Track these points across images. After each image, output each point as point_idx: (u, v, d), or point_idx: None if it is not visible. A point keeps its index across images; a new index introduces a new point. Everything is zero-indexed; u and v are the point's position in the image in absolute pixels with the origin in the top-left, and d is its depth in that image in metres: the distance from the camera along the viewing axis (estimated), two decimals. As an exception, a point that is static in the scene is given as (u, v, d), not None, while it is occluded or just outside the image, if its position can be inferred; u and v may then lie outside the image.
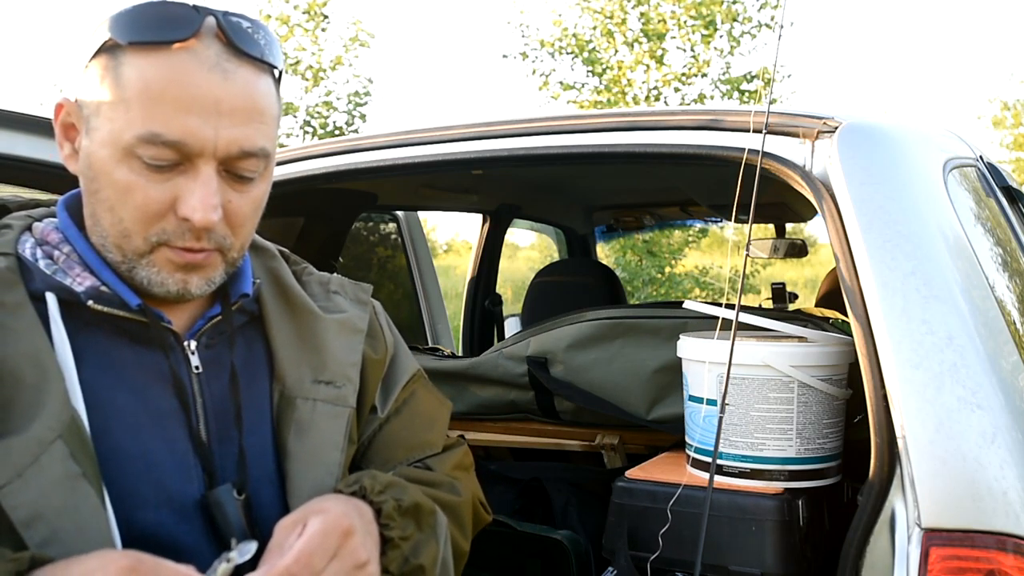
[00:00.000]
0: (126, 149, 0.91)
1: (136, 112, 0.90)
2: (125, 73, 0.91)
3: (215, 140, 0.91)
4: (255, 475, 1.02)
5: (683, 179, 2.75)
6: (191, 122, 0.90)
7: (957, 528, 1.16)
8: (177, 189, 0.92)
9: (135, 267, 0.96)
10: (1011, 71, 33.93)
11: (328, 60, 13.46)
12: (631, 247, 11.16)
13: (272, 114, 0.98)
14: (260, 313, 1.10)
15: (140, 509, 0.94)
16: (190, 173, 0.92)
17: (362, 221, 3.38)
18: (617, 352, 1.94)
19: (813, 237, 8.06)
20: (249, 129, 0.94)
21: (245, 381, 1.05)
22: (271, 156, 0.99)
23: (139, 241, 0.94)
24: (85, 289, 0.96)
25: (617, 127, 1.64)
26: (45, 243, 1.00)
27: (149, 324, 0.98)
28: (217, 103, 0.91)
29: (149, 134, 0.90)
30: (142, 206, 0.93)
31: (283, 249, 1.20)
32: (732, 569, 1.46)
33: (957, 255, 1.33)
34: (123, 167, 0.92)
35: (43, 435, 0.87)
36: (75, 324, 0.95)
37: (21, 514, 0.85)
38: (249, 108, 0.94)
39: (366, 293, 1.21)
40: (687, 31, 12.21)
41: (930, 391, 1.20)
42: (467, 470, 1.23)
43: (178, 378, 0.99)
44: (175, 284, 0.97)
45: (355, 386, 1.11)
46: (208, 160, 0.92)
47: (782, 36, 1.59)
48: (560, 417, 2.08)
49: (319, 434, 1.05)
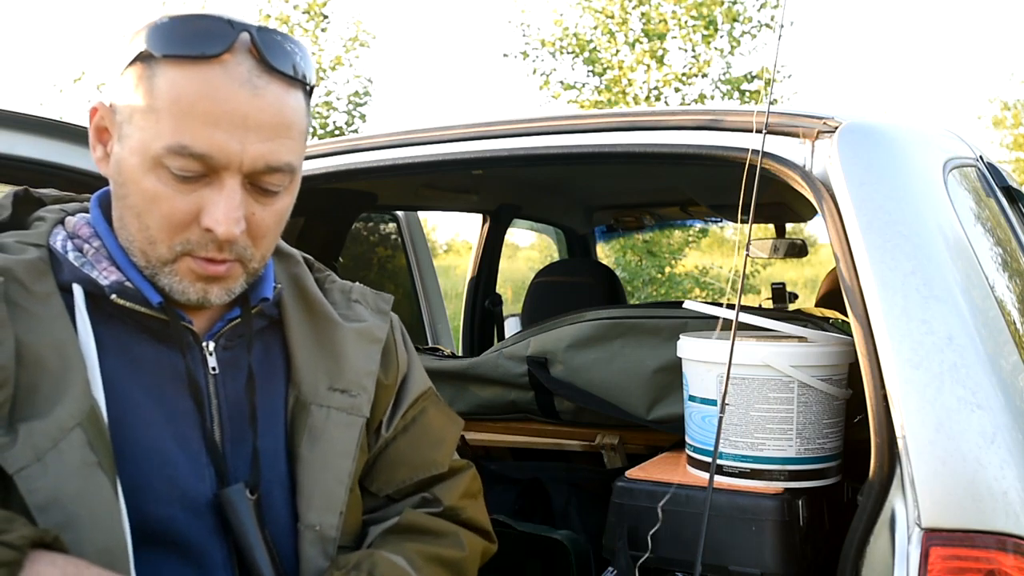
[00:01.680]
0: (155, 159, 0.93)
1: (166, 123, 0.92)
2: (158, 84, 0.93)
3: (241, 154, 0.93)
4: (267, 477, 1.03)
5: (683, 179, 2.75)
6: (219, 136, 0.92)
7: (957, 528, 1.16)
8: (202, 201, 0.94)
9: (157, 274, 0.98)
10: (1011, 71, 33.95)
11: (328, 60, 13.46)
12: (631, 247, 11.15)
13: (300, 129, 0.99)
14: (280, 318, 1.11)
15: (152, 503, 0.95)
16: (215, 185, 0.94)
17: (362, 221, 3.38)
18: (617, 352, 1.94)
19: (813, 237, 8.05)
20: (275, 144, 0.95)
21: (261, 384, 1.06)
22: (297, 171, 1.00)
23: (164, 249, 0.96)
24: (110, 283, 0.98)
25: (617, 127, 1.64)
26: (76, 236, 1.03)
27: (169, 322, 1.00)
28: (245, 118, 0.92)
29: (178, 145, 0.91)
30: (168, 215, 0.94)
31: (307, 256, 1.22)
32: (732, 569, 1.46)
33: (957, 255, 1.32)
34: (151, 176, 0.93)
35: (64, 421, 0.89)
36: (99, 316, 0.98)
37: (38, 498, 0.86)
38: (277, 124, 0.95)
39: (387, 304, 1.22)
40: (688, 31, 12.21)
41: (930, 391, 1.20)
42: (475, 497, 1.23)
43: (193, 378, 1.01)
44: (195, 293, 0.99)
45: (370, 396, 1.11)
46: (234, 174, 0.94)
47: (782, 36, 1.59)
48: (560, 417, 2.08)
49: (331, 442, 1.06)
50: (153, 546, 0.93)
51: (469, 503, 1.20)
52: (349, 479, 1.06)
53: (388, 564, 1.03)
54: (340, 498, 1.04)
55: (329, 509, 1.04)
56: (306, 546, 1.02)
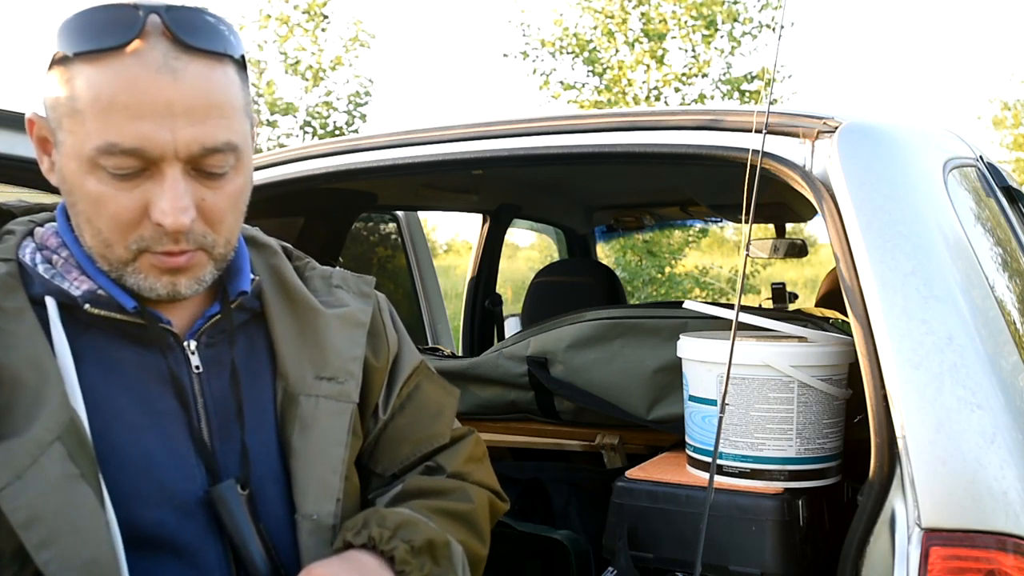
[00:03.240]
0: (90, 161, 0.90)
1: (91, 124, 0.89)
2: (77, 85, 0.90)
3: (174, 142, 0.90)
4: (260, 473, 1.02)
5: (683, 179, 2.75)
6: (145, 128, 0.89)
7: (957, 528, 1.16)
8: (147, 195, 0.92)
9: (123, 275, 0.96)
10: (1011, 71, 33.91)
11: (328, 60, 13.46)
12: (631, 247, 11.15)
13: (234, 105, 0.95)
14: (262, 310, 1.09)
15: (141, 508, 0.94)
16: (156, 178, 0.91)
17: (362, 221, 3.38)
18: (617, 352, 1.94)
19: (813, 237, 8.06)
20: (207, 127, 0.91)
21: (247, 379, 1.05)
22: (240, 148, 0.96)
23: (121, 250, 0.94)
24: (82, 293, 0.96)
25: (617, 127, 1.64)
26: (45, 248, 1.00)
27: (147, 326, 0.98)
28: (169, 105, 0.89)
29: (106, 144, 0.89)
30: (115, 216, 0.92)
31: (286, 245, 1.20)
32: (732, 569, 1.46)
33: (957, 255, 1.32)
34: (91, 179, 0.91)
35: (42, 436, 0.87)
36: (75, 327, 0.96)
37: (20, 516, 0.85)
38: (205, 104, 0.91)
39: (369, 286, 1.20)
40: (688, 31, 12.20)
41: (930, 391, 1.20)
42: (479, 461, 1.22)
43: (177, 378, 0.99)
44: (164, 288, 0.96)
45: (357, 381, 1.10)
46: (171, 163, 0.91)
47: (782, 36, 1.59)
48: (560, 417, 2.08)
49: (322, 431, 1.05)
50: (146, 551, 0.93)
51: (474, 467, 1.19)
52: (343, 466, 1.05)
53: (394, 513, 1.02)
54: (335, 486, 1.04)
55: (325, 498, 1.03)
56: (304, 536, 1.01)
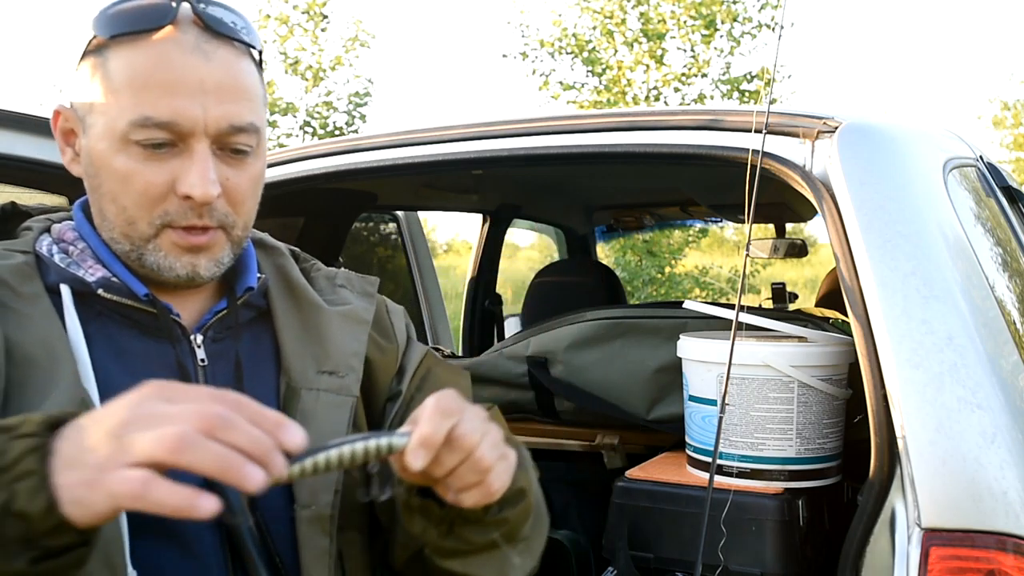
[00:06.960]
0: (122, 136, 0.95)
1: (126, 99, 0.95)
2: (112, 66, 0.96)
3: (204, 118, 0.95)
4: None
5: (683, 179, 2.75)
6: (179, 103, 0.94)
7: (957, 528, 1.16)
8: (175, 170, 0.96)
9: (143, 254, 0.99)
10: (1011, 71, 33.94)
11: (328, 60, 13.46)
12: (631, 247, 11.15)
13: (256, 93, 1.02)
14: (268, 308, 1.12)
15: None
16: (185, 154, 0.96)
17: (362, 221, 3.39)
18: (617, 352, 1.94)
19: (813, 237, 8.05)
20: (236, 106, 0.98)
21: (250, 374, 1.07)
22: (261, 132, 1.02)
23: (144, 226, 0.98)
24: (96, 279, 1.00)
25: (617, 127, 1.64)
26: (62, 241, 1.05)
27: (157, 315, 1.01)
28: (201, 82, 0.95)
29: (141, 118, 0.94)
30: (143, 191, 0.96)
31: (294, 248, 1.23)
32: (732, 569, 1.46)
33: (957, 255, 1.33)
34: (121, 155, 0.96)
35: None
36: (88, 314, 0.99)
37: None
38: (233, 86, 0.98)
39: (372, 286, 1.24)
40: (687, 31, 12.20)
41: (930, 391, 1.20)
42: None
43: (184, 368, 1.02)
44: (183, 267, 1.00)
45: (358, 375, 1.12)
46: (200, 138, 0.96)
47: (782, 36, 1.59)
48: (560, 417, 2.08)
49: (322, 424, 1.07)
50: (147, 534, 0.94)
51: None
52: None
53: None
54: (334, 477, 1.05)
55: (324, 489, 1.05)
56: (303, 527, 1.03)
